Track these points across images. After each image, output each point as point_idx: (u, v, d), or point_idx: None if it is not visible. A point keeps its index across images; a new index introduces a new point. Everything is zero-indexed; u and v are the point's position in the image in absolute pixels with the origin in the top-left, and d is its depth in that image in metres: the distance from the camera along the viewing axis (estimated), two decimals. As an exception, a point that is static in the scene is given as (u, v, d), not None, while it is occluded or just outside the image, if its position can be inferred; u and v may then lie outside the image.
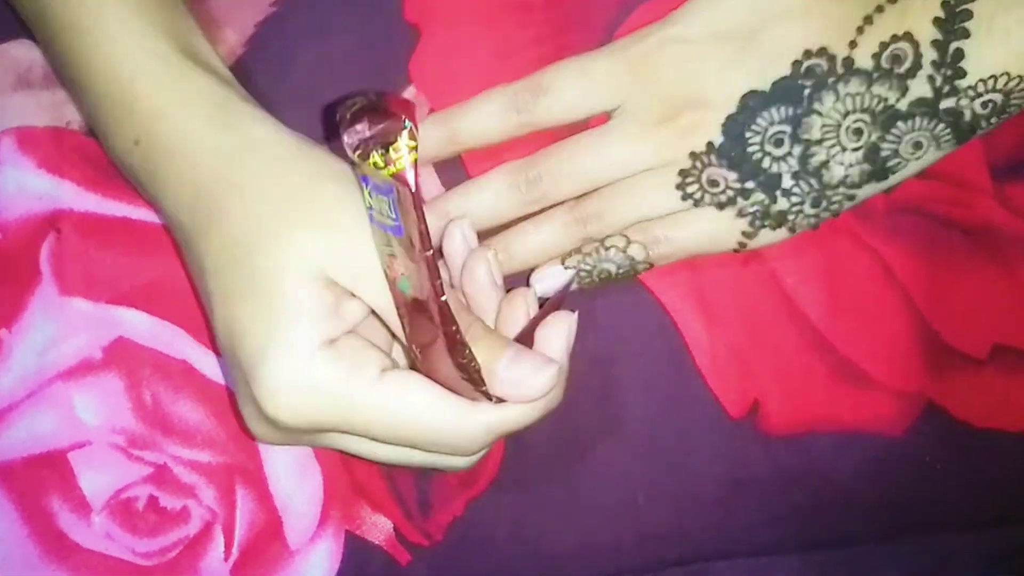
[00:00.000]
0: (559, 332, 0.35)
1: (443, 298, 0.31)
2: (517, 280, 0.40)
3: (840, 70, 0.36)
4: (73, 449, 0.40)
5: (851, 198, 0.37)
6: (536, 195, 0.38)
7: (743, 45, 0.36)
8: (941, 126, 0.36)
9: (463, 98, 0.39)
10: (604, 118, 0.38)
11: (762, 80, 0.36)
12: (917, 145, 0.36)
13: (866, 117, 0.36)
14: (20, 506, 0.40)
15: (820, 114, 0.36)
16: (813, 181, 0.37)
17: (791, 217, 0.38)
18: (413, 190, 0.29)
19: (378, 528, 0.41)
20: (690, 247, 0.39)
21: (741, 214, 0.38)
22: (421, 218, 0.29)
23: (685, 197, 0.38)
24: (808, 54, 0.36)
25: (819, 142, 0.36)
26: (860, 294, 0.41)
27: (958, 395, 0.42)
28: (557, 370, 0.33)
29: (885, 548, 0.42)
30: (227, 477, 0.40)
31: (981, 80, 0.36)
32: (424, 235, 0.30)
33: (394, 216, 0.30)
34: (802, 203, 0.37)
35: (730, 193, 0.37)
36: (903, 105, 0.36)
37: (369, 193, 0.31)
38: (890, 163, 0.37)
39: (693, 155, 0.37)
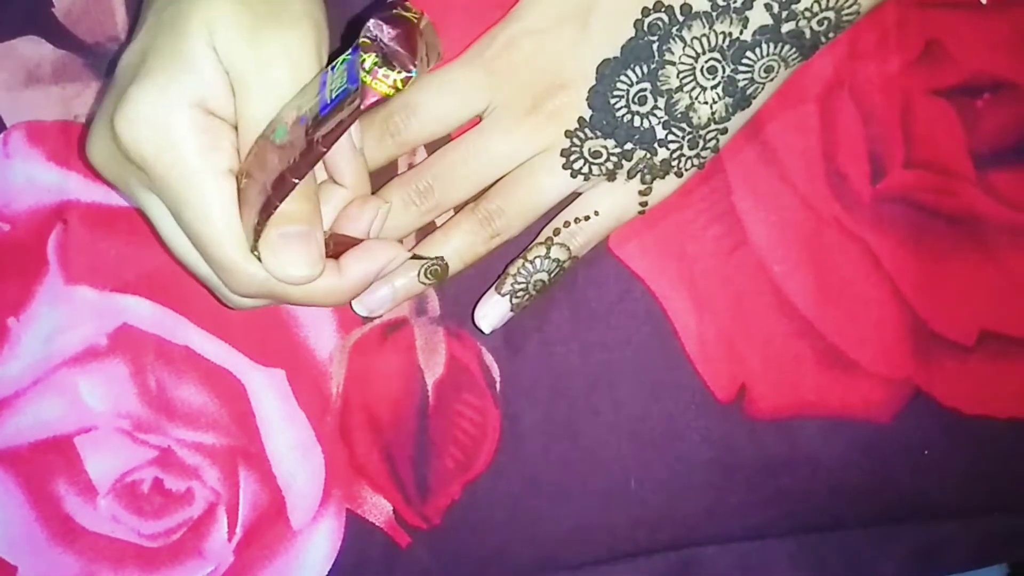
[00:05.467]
0: (368, 259, 0.36)
1: (295, 180, 0.32)
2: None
3: (680, 17, 0.37)
4: (79, 434, 0.41)
5: (724, 131, 0.39)
6: (430, 205, 0.40)
7: (584, 21, 0.38)
8: (787, 48, 0.37)
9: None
10: (477, 122, 0.40)
11: (611, 47, 0.38)
12: (769, 69, 0.38)
13: (716, 55, 0.37)
14: (27, 490, 0.41)
15: (673, 63, 0.37)
16: (684, 125, 0.38)
17: (675, 163, 0.39)
18: (362, 109, 0.31)
19: (378, 509, 0.42)
20: (602, 227, 0.40)
21: (630, 175, 0.39)
22: (344, 127, 0.31)
23: (574, 174, 0.39)
24: (646, 11, 0.37)
25: (679, 88, 0.38)
26: (847, 282, 0.42)
27: (946, 382, 0.43)
28: (315, 272, 0.34)
29: (877, 533, 0.43)
30: (230, 458, 0.41)
31: (815, 1, 0.37)
32: (331, 136, 0.31)
33: (333, 98, 0.32)
34: (680, 148, 0.39)
35: (614, 159, 0.39)
36: (747, 36, 0.37)
37: (342, 62, 0.32)
38: (749, 91, 0.38)
39: (568, 133, 0.38)
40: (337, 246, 0.36)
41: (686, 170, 0.39)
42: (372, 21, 0.32)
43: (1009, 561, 0.48)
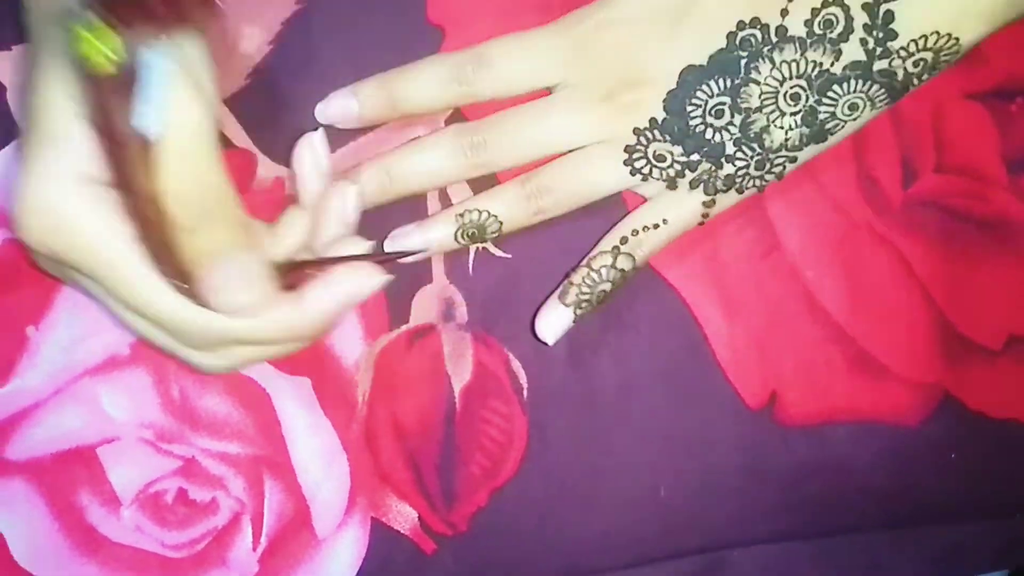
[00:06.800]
0: (331, 280, 0.35)
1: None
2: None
3: (774, 38, 0.36)
4: (102, 444, 0.41)
5: (793, 160, 0.38)
6: (480, 160, 0.39)
7: (678, 21, 0.37)
8: (875, 87, 0.36)
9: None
10: (545, 93, 0.39)
11: (699, 54, 0.37)
12: (853, 107, 0.37)
13: (803, 83, 0.36)
14: (50, 501, 0.41)
15: (758, 83, 0.37)
16: (755, 146, 0.37)
17: (739, 180, 0.38)
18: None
19: (403, 517, 0.41)
20: (668, 236, 0.39)
21: (692, 186, 0.38)
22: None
23: (634, 172, 0.38)
24: (742, 25, 0.36)
25: (759, 109, 0.37)
26: (878, 287, 0.42)
27: (974, 386, 0.43)
28: (252, 294, 0.33)
29: (901, 535, 0.43)
30: (255, 468, 0.41)
31: (912, 40, 0.36)
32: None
33: None
34: (747, 167, 0.38)
35: (677, 167, 0.38)
36: (837, 69, 0.36)
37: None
38: (828, 125, 0.37)
39: (637, 131, 0.38)
40: (299, 275, 0.35)
41: (747, 188, 0.39)
42: None
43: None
